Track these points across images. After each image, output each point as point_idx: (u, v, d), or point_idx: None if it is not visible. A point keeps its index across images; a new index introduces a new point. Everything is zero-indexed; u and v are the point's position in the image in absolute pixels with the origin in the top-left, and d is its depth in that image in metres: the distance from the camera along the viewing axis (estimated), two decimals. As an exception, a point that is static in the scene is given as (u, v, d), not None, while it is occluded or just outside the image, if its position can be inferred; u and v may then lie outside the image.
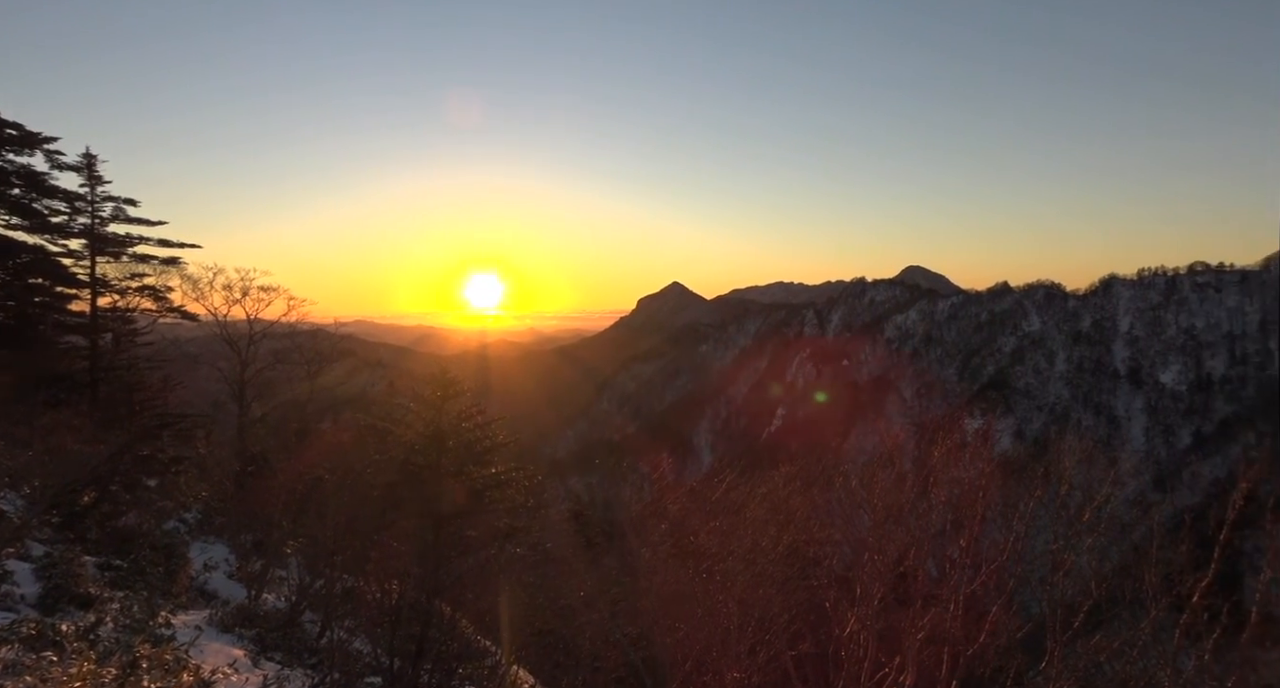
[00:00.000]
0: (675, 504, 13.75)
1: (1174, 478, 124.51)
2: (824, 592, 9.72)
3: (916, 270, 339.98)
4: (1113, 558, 9.18)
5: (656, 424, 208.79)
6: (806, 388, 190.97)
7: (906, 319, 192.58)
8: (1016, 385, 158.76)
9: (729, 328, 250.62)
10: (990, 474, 9.57)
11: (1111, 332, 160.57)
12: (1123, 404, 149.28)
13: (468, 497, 13.07)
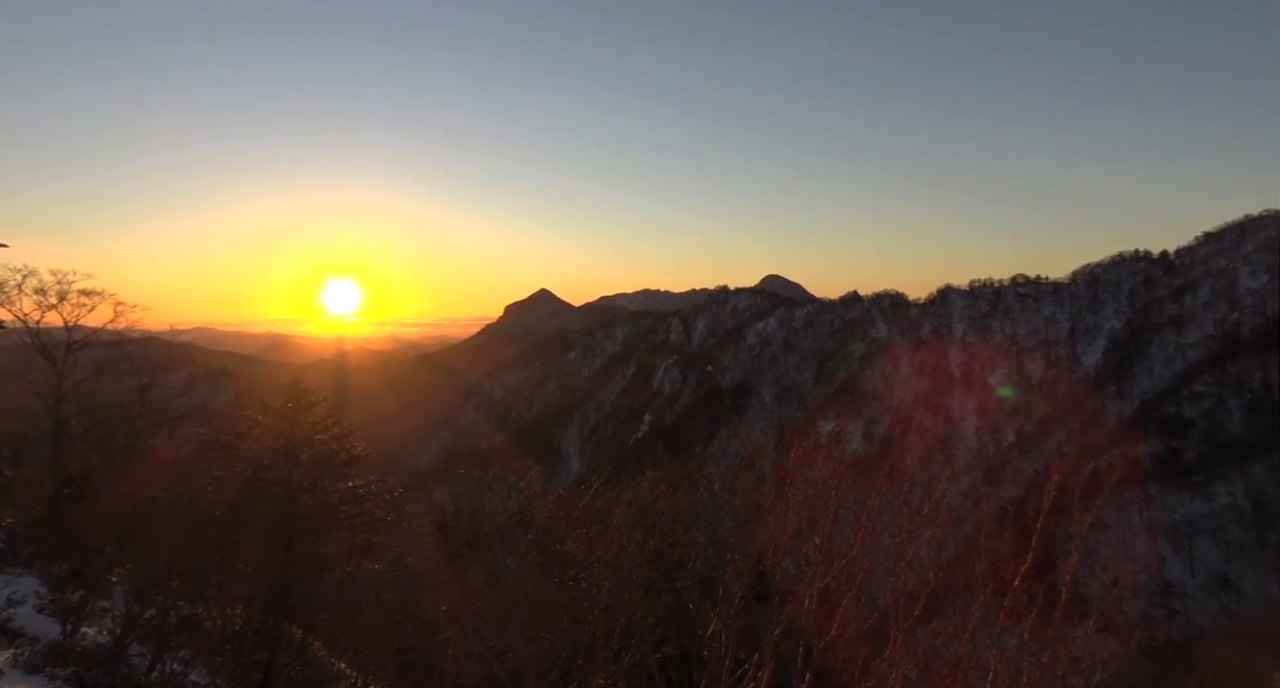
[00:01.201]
0: (542, 513, 13.63)
1: (1000, 473, 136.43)
2: (688, 593, 9.92)
3: (776, 279, 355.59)
4: (949, 548, 9.87)
5: (525, 432, 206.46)
6: (673, 394, 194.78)
7: (767, 326, 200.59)
8: (866, 389, 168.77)
9: (597, 335, 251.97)
10: (842, 474, 10.08)
11: (948, 338, 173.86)
12: (958, 405, 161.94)
13: (322, 512, 12.39)
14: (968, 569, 7.81)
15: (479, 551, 12.94)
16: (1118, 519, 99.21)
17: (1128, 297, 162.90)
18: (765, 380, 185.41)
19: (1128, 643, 7.25)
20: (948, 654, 7.37)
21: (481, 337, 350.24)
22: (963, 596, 7.94)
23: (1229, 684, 17.07)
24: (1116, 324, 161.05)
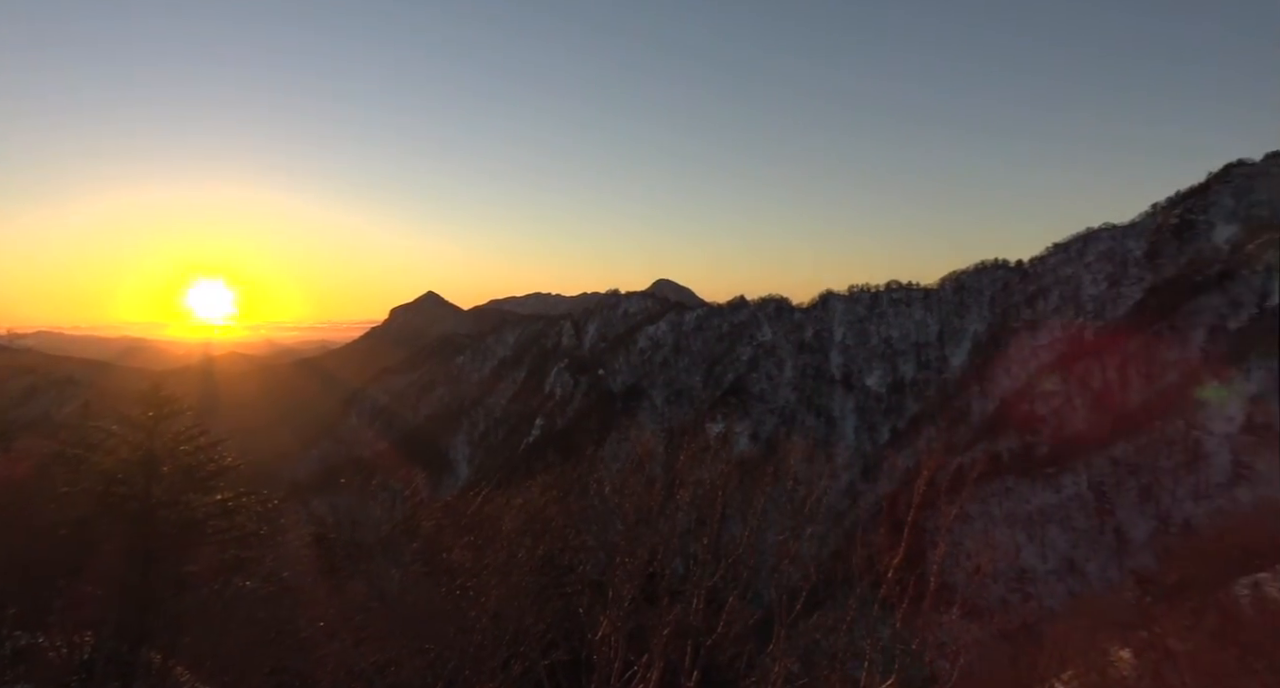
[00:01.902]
0: (429, 521, 13.24)
1: (876, 470, 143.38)
2: (578, 598, 9.87)
3: (666, 284, 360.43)
4: (830, 544, 10.28)
5: (411, 439, 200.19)
6: (564, 398, 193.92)
7: (657, 330, 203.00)
8: (752, 391, 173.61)
9: (487, 339, 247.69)
10: (729, 474, 10.31)
11: (829, 341, 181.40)
12: (838, 406, 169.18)
13: (186, 528, 11.55)
14: (846, 563, 8.16)
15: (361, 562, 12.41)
16: (980, 511, 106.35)
17: (989, 302, 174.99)
18: (656, 383, 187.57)
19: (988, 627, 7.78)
20: (827, 645, 7.66)
21: (365, 341, 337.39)
22: (841, 588, 8.28)
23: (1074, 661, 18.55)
24: (980, 328, 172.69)
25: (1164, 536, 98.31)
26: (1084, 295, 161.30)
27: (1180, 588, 34.19)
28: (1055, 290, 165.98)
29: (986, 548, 8.55)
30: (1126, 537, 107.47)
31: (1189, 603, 21.78)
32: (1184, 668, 15.37)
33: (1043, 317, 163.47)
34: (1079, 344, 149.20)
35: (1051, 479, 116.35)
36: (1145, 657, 17.66)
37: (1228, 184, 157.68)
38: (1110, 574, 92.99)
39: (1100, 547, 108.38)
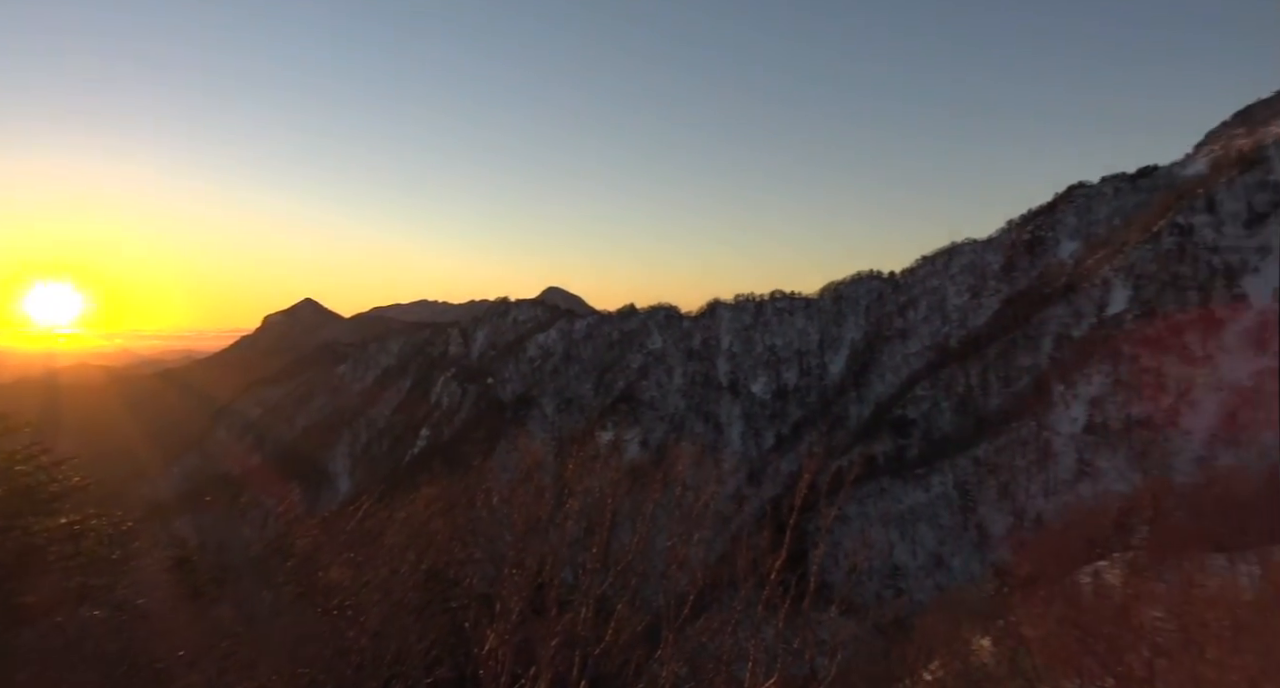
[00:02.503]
0: (304, 539, 12.58)
1: (761, 474, 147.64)
2: (464, 613, 9.63)
3: (556, 291, 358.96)
4: (717, 548, 10.46)
5: (286, 453, 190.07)
6: (452, 407, 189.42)
7: (548, 338, 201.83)
8: (643, 398, 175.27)
9: (370, 347, 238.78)
10: (619, 482, 10.35)
11: (716, 349, 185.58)
12: (725, 412, 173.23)
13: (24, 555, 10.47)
14: (731, 566, 8.35)
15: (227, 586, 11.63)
16: (857, 512, 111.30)
17: (865, 311, 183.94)
18: (546, 392, 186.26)
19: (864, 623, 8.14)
20: (714, 648, 7.80)
21: (234, 351, 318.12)
22: (727, 591, 8.46)
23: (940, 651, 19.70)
24: (856, 336, 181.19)
25: (1019, 530, 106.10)
26: (949, 305, 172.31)
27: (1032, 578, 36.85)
28: (924, 300, 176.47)
29: (863, 547, 8.95)
30: (987, 532, 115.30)
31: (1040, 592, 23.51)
32: (1035, 652, 16.63)
33: (913, 325, 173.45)
34: (945, 351, 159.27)
35: (921, 480, 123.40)
36: (1002, 644, 18.99)
37: (1071, 204, 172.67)
38: (973, 568, 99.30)
39: (964, 542, 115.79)
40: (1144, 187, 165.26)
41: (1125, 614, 14.88)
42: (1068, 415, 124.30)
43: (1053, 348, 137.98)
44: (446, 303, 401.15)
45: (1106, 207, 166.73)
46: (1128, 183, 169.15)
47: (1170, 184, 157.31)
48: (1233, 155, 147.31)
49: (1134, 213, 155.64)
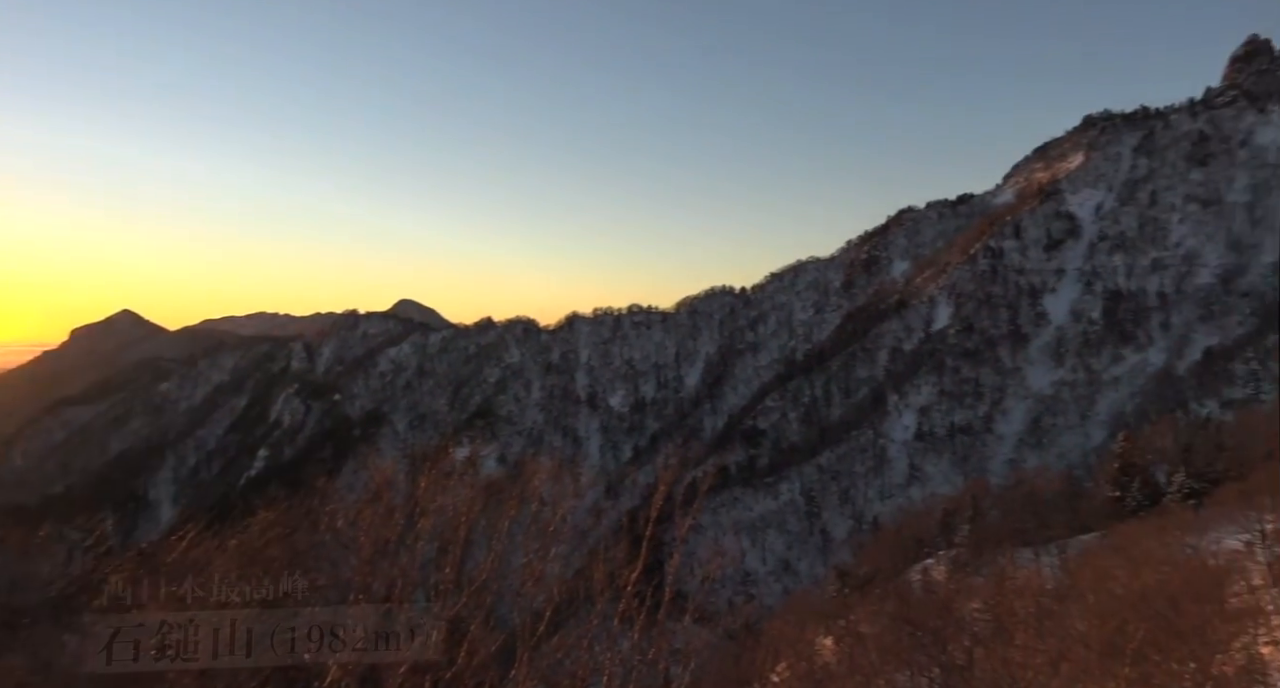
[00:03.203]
0: (118, 573, 11.37)
1: (619, 486, 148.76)
2: (304, 644, 9.02)
3: (409, 304, 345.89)
4: (574, 563, 10.41)
5: (97, 480, 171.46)
6: (294, 426, 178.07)
7: (400, 352, 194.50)
8: (500, 413, 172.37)
9: (200, 363, 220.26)
10: (474, 499, 10.08)
11: (575, 362, 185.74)
12: (583, 426, 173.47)
13: None
14: (588, 580, 8.33)
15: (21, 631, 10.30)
16: (711, 521, 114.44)
17: (718, 326, 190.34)
18: (398, 408, 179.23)
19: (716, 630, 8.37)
20: (570, 664, 7.74)
21: (33, 367, 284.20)
22: (584, 606, 8.43)
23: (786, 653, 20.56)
24: (711, 349, 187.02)
25: (859, 533, 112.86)
26: (796, 320, 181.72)
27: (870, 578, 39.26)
28: (773, 315, 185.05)
29: (716, 556, 9.16)
30: (830, 536, 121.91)
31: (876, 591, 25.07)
32: (871, 649, 17.72)
33: (763, 339, 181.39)
34: (792, 364, 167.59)
35: (770, 488, 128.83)
36: (843, 643, 20.09)
37: (901, 227, 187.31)
38: (817, 571, 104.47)
39: (810, 547, 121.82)
40: (963, 212, 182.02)
41: (949, 608, 16.14)
42: (900, 424, 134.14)
43: (887, 361, 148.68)
44: (288, 315, 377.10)
45: (932, 230, 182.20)
46: (949, 209, 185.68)
47: (984, 211, 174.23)
48: (1034, 187, 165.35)
49: (955, 236, 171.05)
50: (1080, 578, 20.54)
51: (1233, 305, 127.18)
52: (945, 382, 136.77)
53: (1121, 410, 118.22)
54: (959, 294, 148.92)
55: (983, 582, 19.77)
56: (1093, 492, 54.84)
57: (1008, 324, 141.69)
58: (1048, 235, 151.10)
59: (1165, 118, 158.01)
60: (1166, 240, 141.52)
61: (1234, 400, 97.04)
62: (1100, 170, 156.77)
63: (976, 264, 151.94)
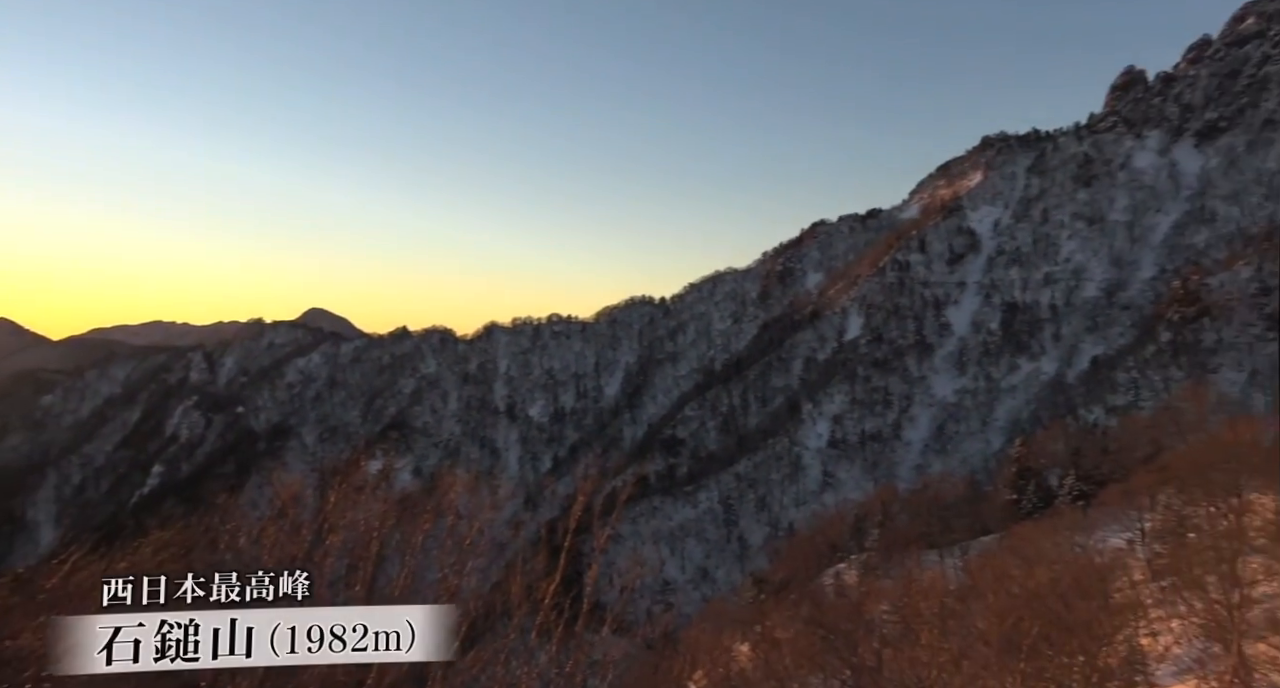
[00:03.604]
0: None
1: (539, 498, 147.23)
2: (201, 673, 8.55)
3: (319, 313, 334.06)
4: (491, 576, 10.24)
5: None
6: (192, 440, 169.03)
7: (309, 363, 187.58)
8: (415, 425, 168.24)
9: (87, 374, 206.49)
10: (387, 514, 9.80)
11: (493, 372, 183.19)
12: (502, 437, 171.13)
13: None
14: (506, 594, 8.21)
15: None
16: (630, 531, 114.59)
17: (638, 335, 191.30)
18: (307, 421, 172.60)
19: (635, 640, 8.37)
20: (486, 679, 7.60)
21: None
22: (501, 620, 8.31)
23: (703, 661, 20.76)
24: (630, 359, 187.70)
25: (775, 539, 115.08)
26: (714, 330, 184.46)
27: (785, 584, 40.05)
28: (692, 325, 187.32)
29: (635, 565, 9.19)
30: (747, 543, 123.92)
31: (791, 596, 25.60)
32: (786, 653, 18.08)
33: (682, 349, 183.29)
34: (711, 373, 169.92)
35: (690, 497, 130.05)
36: (759, 649, 20.43)
37: (814, 239, 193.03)
38: (735, 578, 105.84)
39: (728, 554, 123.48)
40: (872, 226, 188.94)
41: (859, 610, 16.63)
42: (814, 431, 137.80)
43: (802, 370, 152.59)
44: (186, 324, 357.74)
45: (843, 243, 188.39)
46: (859, 222, 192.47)
47: (892, 225, 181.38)
48: (937, 203, 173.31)
49: (865, 249, 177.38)
50: (980, 578, 21.50)
51: (1115, 317, 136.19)
52: (857, 390, 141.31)
53: (1018, 417, 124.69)
54: (869, 305, 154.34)
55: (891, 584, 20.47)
56: (992, 495, 57.58)
57: (914, 334, 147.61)
58: (950, 250, 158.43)
59: (1054, 140, 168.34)
60: (1057, 256, 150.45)
61: (1117, 407, 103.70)
62: (997, 188, 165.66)
63: (885, 276, 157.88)
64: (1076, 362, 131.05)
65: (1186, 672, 19.92)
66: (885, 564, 41.62)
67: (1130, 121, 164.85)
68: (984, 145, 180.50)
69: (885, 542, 49.21)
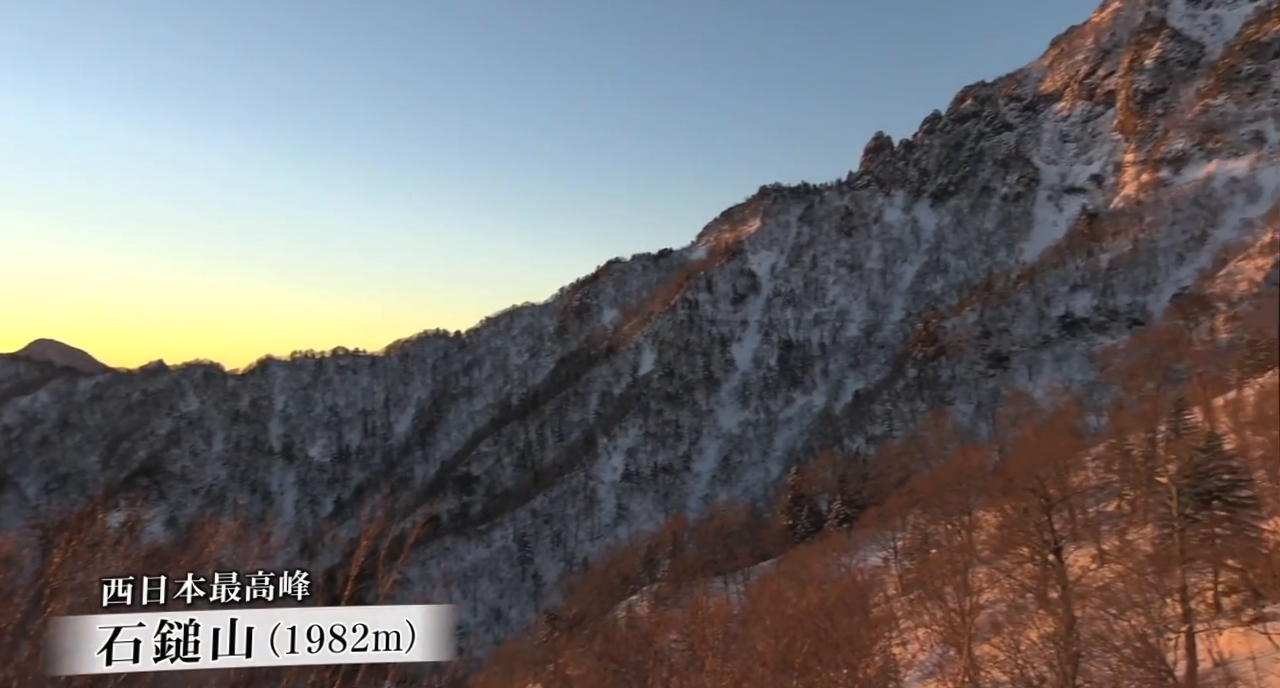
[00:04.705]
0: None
1: (318, 543, 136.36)
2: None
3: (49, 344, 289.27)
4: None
5: None
6: None
7: (35, 401, 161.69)
8: (171, 469, 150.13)
9: None
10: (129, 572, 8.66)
11: (268, 410, 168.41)
12: (276, 479, 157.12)
13: None
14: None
15: None
16: (420, 574, 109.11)
17: (431, 370, 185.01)
18: (29, 468, 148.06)
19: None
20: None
21: None
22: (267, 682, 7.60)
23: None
24: (423, 394, 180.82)
25: (569, 575, 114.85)
26: (511, 365, 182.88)
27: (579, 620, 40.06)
28: (488, 360, 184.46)
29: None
30: (542, 580, 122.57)
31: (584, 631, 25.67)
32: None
33: (478, 384, 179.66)
34: (507, 409, 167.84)
35: (483, 535, 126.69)
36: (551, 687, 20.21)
37: (610, 276, 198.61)
38: (529, 617, 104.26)
39: (522, 593, 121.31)
40: (664, 265, 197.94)
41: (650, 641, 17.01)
42: (609, 465, 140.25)
43: (598, 404, 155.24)
44: None
45: (637, 281, 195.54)
46: (652, 261, 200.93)
47: (682, 265, 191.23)
48: (722, 246, 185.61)
49: (657, 287, 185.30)
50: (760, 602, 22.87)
51: (873, 355, 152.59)
52: (650, 424, 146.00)
53: (794, 447, 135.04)
54: (661, 342, 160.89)
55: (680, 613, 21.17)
56: (771, 521, 61.68)
57: (703, 369, 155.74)
58: (734, 290, 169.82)
59: (821, 193, 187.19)
60: (825, 298, 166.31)
61: (875, 436, 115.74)
62: (774, 235, 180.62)
63: (676, 314, 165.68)
64: (842, 395, 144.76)
65: (929, 676, 22.40)
66: (675, 594, 42.99)
67: (881, 181, 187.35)
68: (762, 194, 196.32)
69: (675, 571, 50.86)
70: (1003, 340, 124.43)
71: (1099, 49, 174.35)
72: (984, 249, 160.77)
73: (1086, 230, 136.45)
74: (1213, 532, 19.62)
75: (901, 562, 36.25)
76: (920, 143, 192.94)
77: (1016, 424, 54.06)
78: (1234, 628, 17.95)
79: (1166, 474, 22.34)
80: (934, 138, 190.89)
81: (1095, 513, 31.64)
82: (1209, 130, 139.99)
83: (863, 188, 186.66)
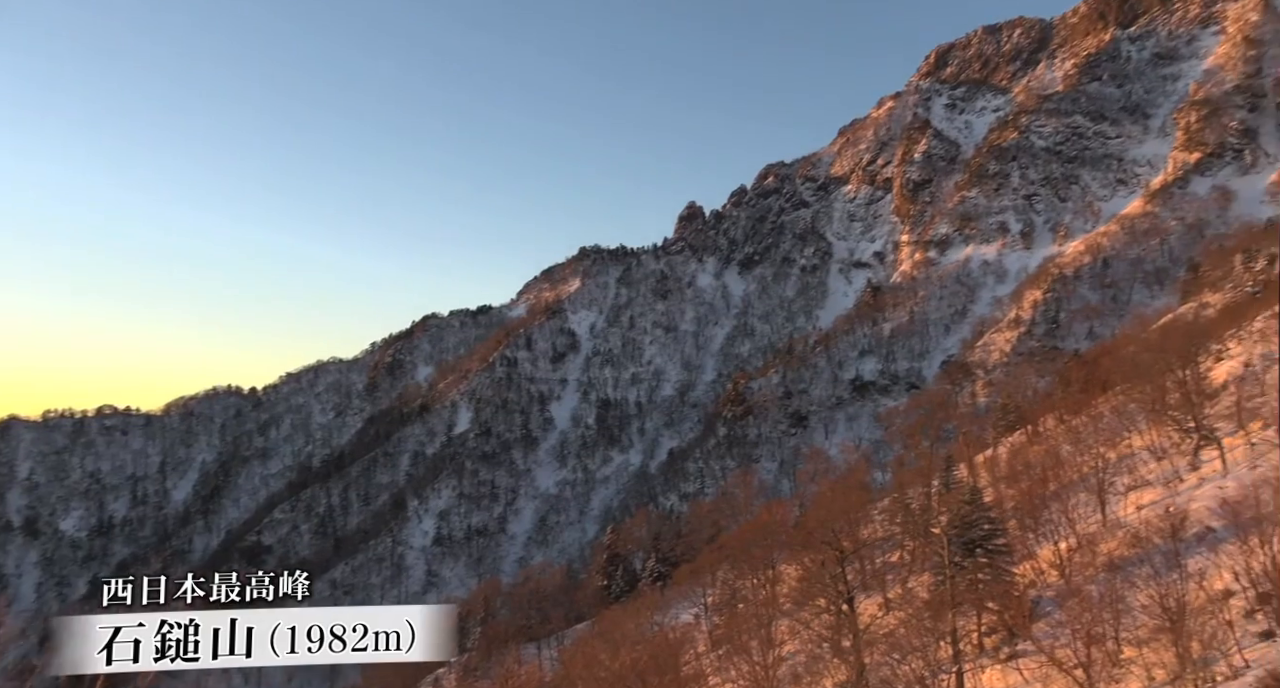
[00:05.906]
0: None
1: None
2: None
3: None
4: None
5: None
6: None
7: None
8: None
9: None
10: None
11: (9, 479, 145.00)
12: (13, 559, 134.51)
13: None
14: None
15: None
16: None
17: (220, 429, 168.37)
18: None
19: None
20: None
21: None
22: None
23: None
24: (209, 457, 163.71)
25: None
26: (314, 423, 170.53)
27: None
28: (288, 418, 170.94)
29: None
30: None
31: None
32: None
33: (274, 444, 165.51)
34: (308, 471, 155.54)
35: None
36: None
37: (426, 332, 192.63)
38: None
39: (315, 674, 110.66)
40: (483, 322, 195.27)
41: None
42: (420, 529, 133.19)
43: (409, 465, 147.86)
44: None
45: (454, 337, 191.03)
46: (470, 318, 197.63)
47: (501, 322, 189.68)
48: (542, 304, 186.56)
49: (475, 344, 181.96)
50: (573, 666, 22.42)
51: (686, 414, 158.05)
52: (465, 485, 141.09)
53: (610, 506, 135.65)
54: (479, 399, 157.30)
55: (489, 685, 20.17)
56: (586, 582, 61.11)
57: (521, 428, 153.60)
58: (554, 348, 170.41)
59: (638, 257, 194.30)
60: (642, 358, 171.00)
61: (688, 493, 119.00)
62: (593, 295, 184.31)
63: (494, 371, 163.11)
64: (657, 453, 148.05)
65: (737, 731, 22.81)
66: (485, 663, 41.16)
67: (694, 247, 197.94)
68: (581, 255, 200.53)
69: (487, 639, 48.82)
70: (802, 401, 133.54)
71: (878, 140, 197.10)
72: (786, 315, 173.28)
73: (871, 301, 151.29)
74: (976, 578, 21.88)
75: (711, 617, 37.08)
76: (728, 214, 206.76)
77: (815, 480, 57.78)
78: (994, 666, 19.95)
79: (939, 525, 24.73)
80: (741, 210, 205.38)
81: (881, 563, 34.27)
82: (965, 218, 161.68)
83: (677, 253, 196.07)
